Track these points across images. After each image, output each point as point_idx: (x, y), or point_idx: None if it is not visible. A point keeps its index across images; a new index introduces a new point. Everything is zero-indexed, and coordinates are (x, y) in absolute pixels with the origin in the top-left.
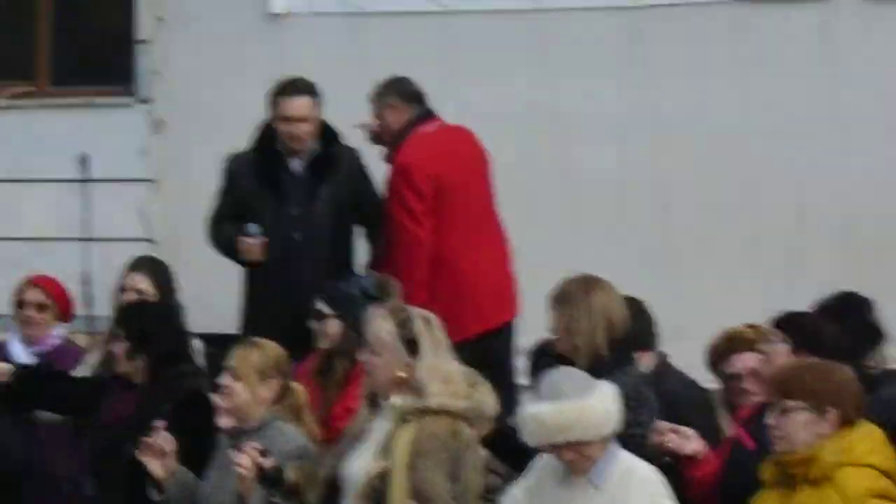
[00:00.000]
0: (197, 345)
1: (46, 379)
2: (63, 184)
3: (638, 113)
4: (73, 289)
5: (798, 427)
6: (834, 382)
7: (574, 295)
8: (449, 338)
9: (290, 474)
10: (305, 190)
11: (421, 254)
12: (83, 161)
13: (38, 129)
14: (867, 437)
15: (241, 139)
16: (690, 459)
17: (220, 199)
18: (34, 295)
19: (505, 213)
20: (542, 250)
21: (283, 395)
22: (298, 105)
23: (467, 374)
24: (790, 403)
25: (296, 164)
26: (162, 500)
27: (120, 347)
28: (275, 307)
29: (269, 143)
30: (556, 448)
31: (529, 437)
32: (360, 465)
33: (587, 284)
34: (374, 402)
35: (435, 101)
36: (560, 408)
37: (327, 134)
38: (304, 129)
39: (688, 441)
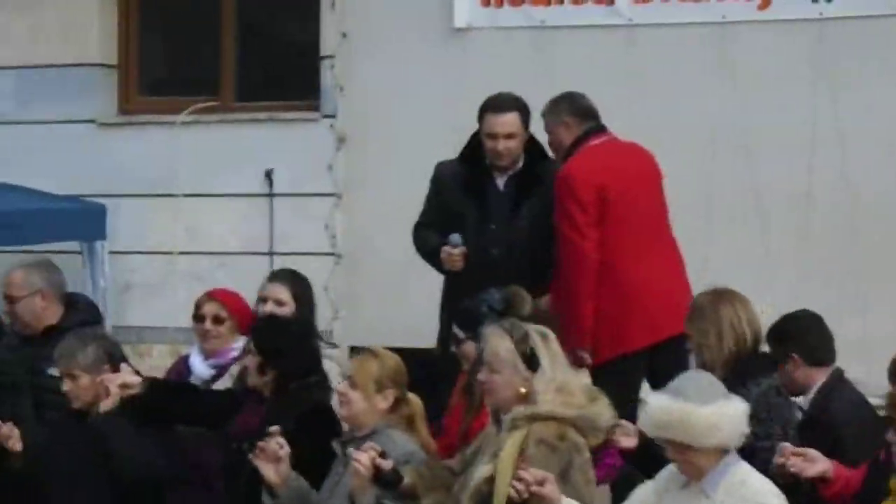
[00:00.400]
0: (331, 353)
1: (178, 392)
2: (248, 198)
3: (826, 125)
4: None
5: None
6: None
7: (704, 309)
8: (614, 349)
9: (407, 478)
10: (508, 206)
11: (586, 266)
12: (268, 176)
13: (223, 145)
14: None
15: (424, 154)
16: (822, 480)
17: (426, 205)
18: (211, 308)
19: (689, 229)
20: (728, 266)
21: (398, 405)
22: (503, 122)
23: (588, 388)
24: None
25: (501, 180)
26: (274, 503)
27: (253, 361)
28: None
29: (476, 154)
30: (665, 444)
31: (640, 423)
32: (476, 472)
33: (716, 298)
34: (498, 418)
35: (618, 115)
36: (670, 406)
37: (534, 150)
38: (509, 145)
39: (812, 464)
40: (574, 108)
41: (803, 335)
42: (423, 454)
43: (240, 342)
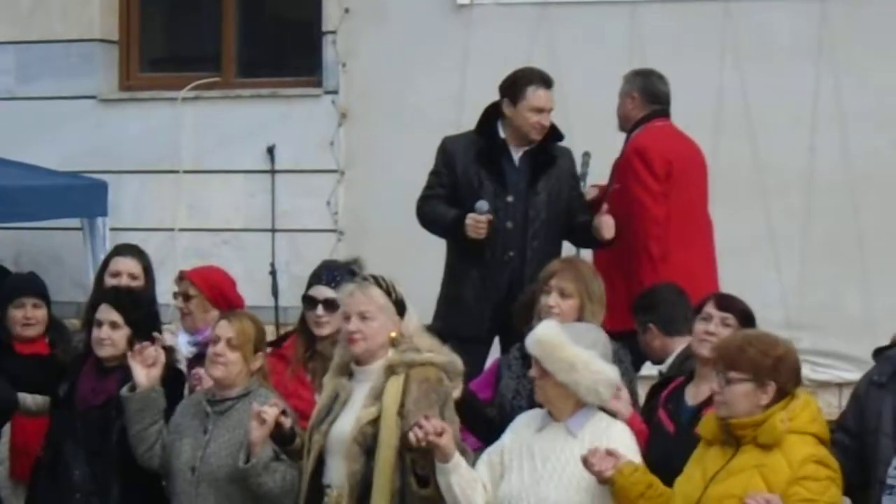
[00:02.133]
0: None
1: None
2: (249, 174)
3: (828, 104)
4: (261, 279)
5: (739, 396)
6: (773, 357)
7: (585, 272)
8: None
9: (298, 439)
10: (525, 181)
11: (657, 231)
12: (270, 152)
13: (225, 121)
14: (807, 408)
15: (427, 130)
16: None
17: (432, 178)
18: (182, 286)
19: None
20: (731, 245)
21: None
22: (551, 97)
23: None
24: (733, 375)
25: (517, 155)
26: (128, 395)
27: (119, 333)
28: (477, 292)
29: (492, 128)
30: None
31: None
32: (348, 419)
33: (589, 264)
34: (345, 372)
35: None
36: (553, 330)
37: (550, 130)
38: (549, 120)
39: (616, 400)
40: (645, 86)
41: (662, 307)
42: (293, 412)
43: None
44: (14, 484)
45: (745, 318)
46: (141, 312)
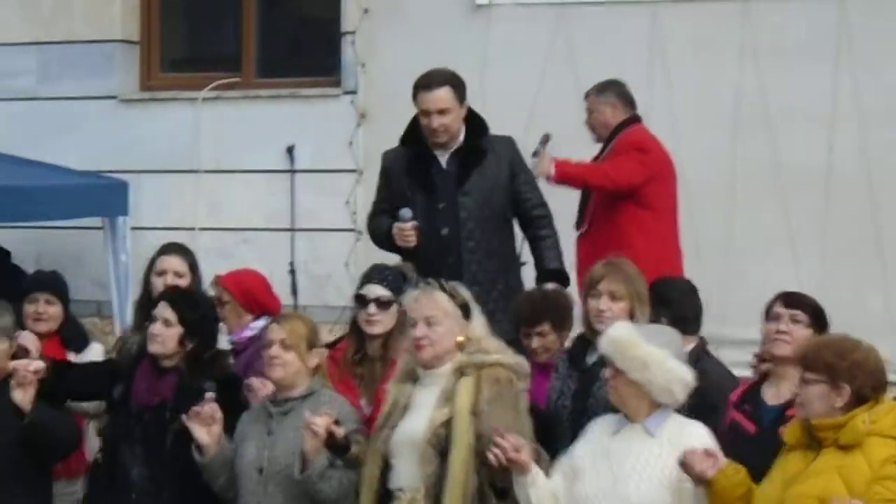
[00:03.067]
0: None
1: (65, 369)
2: (269, 174)
3: (847, 102)
4: (280, 278)
5: (814, 397)
6: (849, 360)
7: (630, 272)
8: None
9: (355, 448)
10: (453, 184)
11: (616, 186)
12: (289, 152)
13: (245, 121)
14: (892, 412)
15: None
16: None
17: (377, 195)
18: (216, 291)
19: (712, 208)
20: (750, 244)
21: (319, 365)
22: (434, 98)
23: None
24: (809, 375)
25: (443, 158)
26: (203, 462)
27: (171, 332)
28: None
29: (418, 137)
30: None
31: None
32: (419, 423)
33: (631, 263)
34: (410, 378)
35: (640, 92)
36: (626, 330)
37: (475, 124)
38: (444, 121)
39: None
40: (621, 94)
41: (676, 304)
42: (356, 414)
43: (259, 322)
44: (66, 481)
45: (815, 313)
46: (197, 314)
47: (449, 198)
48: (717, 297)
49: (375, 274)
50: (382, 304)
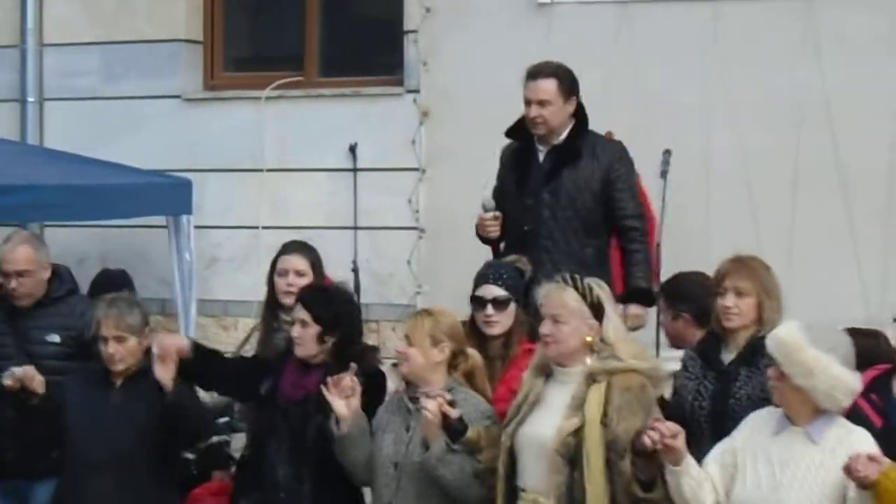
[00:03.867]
0: None
1: (211, 357)
2: (332, 173)
3: None
4: (343, 277)
5: None
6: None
7: (764, 272)
8: None
9: (472, 432)
10: (541, 181)
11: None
12: (352, 150)
13: (307, 120)
14: None
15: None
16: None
17: (493, 188)
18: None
19: (774, 203)
20: (812, 239)
21: (456, 359)
22: (536, 88)
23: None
24: None
25: (542, 154)
26: (340, 435)
27: (309, 331)
28: None
29: (525, 131)
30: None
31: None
32: (547, 426)
33: (766, 265)
34: (543, 372)
35: (702, 89)
36: (795, 332)
37: (579, 125)
38: (543, 113)
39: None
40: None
41: (696, 298)
42: (491, 412)
43: None
44: None
45: None
46: (331, 310)
47: (537, 194)
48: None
49: (491, 273)
50: (499, 304)
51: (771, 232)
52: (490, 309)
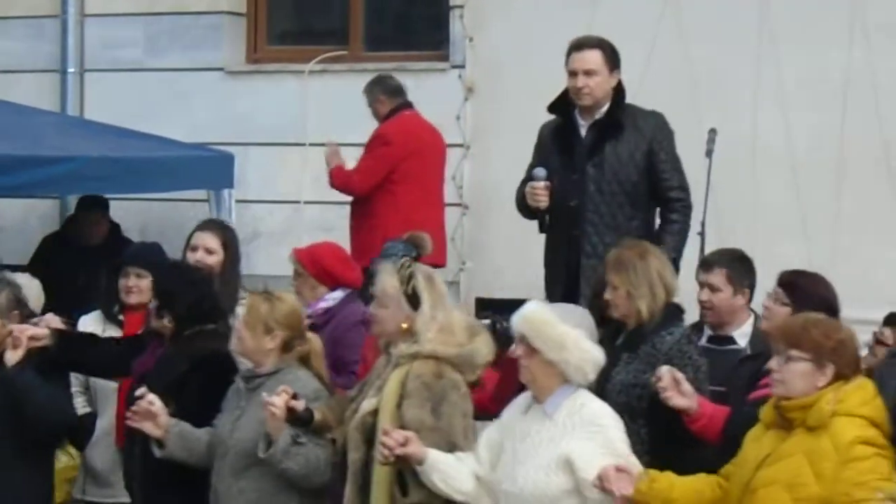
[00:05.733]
0: None
1: (82, 342)
2: None
3: None
4: None
5: (797, 375)
6: (835, 339)
7: (632, 263)
8: None
9: (318, 414)
10: (585, 155)
11: (355, 193)
12: None
13: (351, 94)
14: (860, 391)
15: None
16: (686, 414)
17: (528, 166)
18: (294, 264)
19: (820, 185)
20: (858, 221)
21: (290, 344)
22: (582, 58)
23: (470, 325)
24: (794, 353)
25: (584, 128)
26: (165, 454)
27: (153, 304)
28: (560, 273)
29: (567, 106)
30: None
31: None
32: (363, 405)
33: (642, 252)
34: (386, 350)
35: (750, 73)
36: (541, 309)
37: (620, 99)
38: (589, 83)
39: (680, 396)
40: (385, 88)
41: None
42: (326, 391)
43: (335, 293)
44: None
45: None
46: (167, 287)
47: (582, 169)
48: (823, 274)
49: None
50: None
51: (816, 211)
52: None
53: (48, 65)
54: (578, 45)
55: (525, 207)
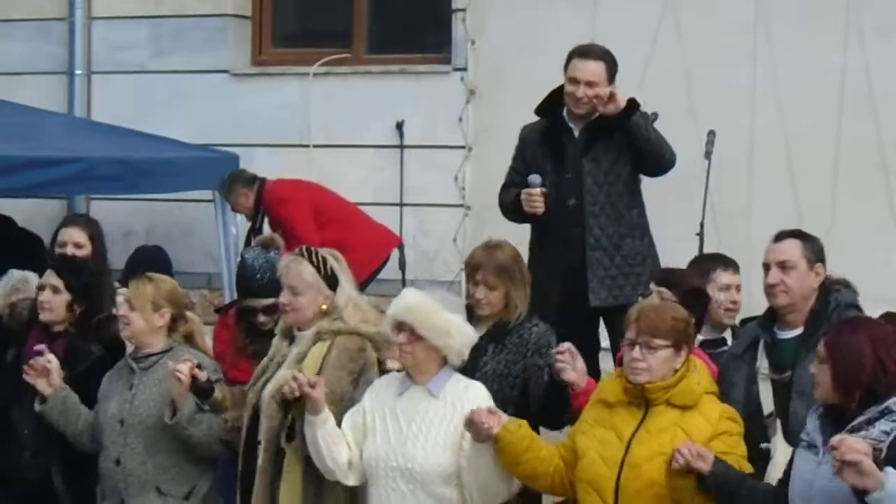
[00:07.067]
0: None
1: None
2: (378, 149)
3: None
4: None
5: (661, 362)
6: (685, 322)
7: (512, 269)
8: None
9: (218, 393)
10: (580, 155)
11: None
12: (399, 127)
13: (355, 96)
14: (704, 370)
15: None
16: (572, 387)
17: (510, 167)
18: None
19: (816, 187)
20: (854, 223)
21: (176, 323)
22: (586, 68)
23: (374, 305)
24: (657, 342)
25: (576, 130)
26: (43, 409)
27: (58, 299)
28: (546, 271)
29: (554, 108)
30: (400, 329)
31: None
32: (280, 374)
33: (517, 256)
34: (288, 335)
35: (744, 72)
36: (425, 298)
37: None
38: (589, 93)
39: (573, 372)
40: (243, 181)
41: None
42: (217, 366)
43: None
44: None
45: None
46: (81, 280)
47: (576, 168)
48: None
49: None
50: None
51: (813, 212)
52: (262, 317)
53: (55, 67)
54: (583, 54)
55: (514, 212)
